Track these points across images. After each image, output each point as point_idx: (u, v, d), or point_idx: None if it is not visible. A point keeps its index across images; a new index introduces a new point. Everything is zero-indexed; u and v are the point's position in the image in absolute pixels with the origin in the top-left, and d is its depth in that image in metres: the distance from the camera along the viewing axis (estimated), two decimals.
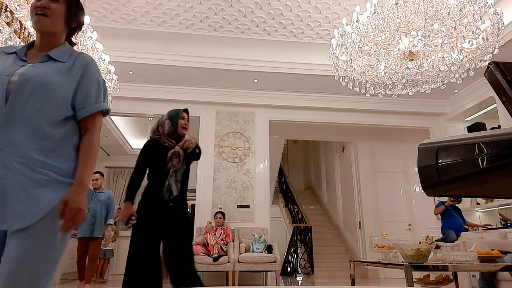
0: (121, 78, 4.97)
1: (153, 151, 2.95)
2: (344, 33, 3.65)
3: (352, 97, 6.46)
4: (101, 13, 5.04)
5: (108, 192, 5.36)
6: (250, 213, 6.37)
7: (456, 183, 0.97)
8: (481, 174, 0.89)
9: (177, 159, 2.90)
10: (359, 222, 8.21)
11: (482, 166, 0.88)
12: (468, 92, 6.51)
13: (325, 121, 6.98)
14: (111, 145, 9.67)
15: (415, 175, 8.16)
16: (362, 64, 3.70)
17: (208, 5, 4.94)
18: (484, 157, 0.88)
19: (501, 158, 0.85)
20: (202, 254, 5.52)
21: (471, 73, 3.70)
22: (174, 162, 2.89)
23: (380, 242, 3.93)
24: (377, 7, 3.35)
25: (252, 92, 6.67)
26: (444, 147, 1.00)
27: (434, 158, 1.00)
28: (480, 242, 3.97)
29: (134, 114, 6.79)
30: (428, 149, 1.03)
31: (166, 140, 2.99)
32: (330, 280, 7.01)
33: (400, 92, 4.05)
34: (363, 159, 8.45)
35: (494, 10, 3.26)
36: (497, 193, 1.26)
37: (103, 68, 3.89)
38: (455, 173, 0.96)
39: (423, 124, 7.24)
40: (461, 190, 1.05)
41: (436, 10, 3.12)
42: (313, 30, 5.43)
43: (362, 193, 8.24)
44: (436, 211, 6.20)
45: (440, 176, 0.99)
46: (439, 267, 2.94)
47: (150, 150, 2.98)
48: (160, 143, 2.97)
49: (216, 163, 6.55)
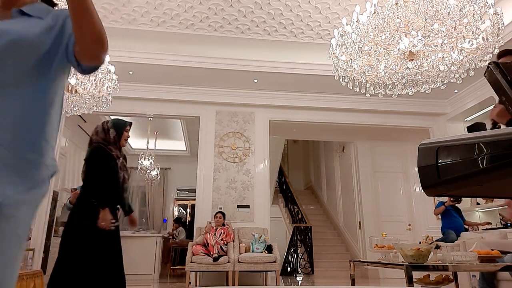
0: (121, 78, 4.97)
1: (106, 158, 2.91)
2: (344, 33, 3.65)
3: (352, 97, 6.46)
4: (101, 13, 5.04)
5: None
6: (250, 213, 6.37)
7: (456, 183, 0.97)
8: (481, 174, 0.89)
9: (126, 173, 3.01)
10: (359, 222, 8.21)
11: (482, 166, 0.88)
12: (468, 92, 6.51)
13: (325, 121, 6.97)
14: None
15: (415, 175, 8.16)
16: (362, 64, 3.70)
17: (208, 5, 4.94)
18: (484, 157, 0.88)
19: (501, 158, 0.85)
20: (202, 254, 5.52)
21: (471, 73, 3.70)
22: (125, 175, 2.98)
23: (380, 242, 3.93)
24: (377, 7, 3.35)
25: (252, 92, 6.67)
26: (444, 147, 1.00)
27: (434, 158, 1.00)
28: (480, 242, 3.97)
29: (134, 114, 6.79)
30: (428, 149, 1.03)
31: (113, 149, 2.97)
32: (330, 280, 7.01)
33: (400, 92, 4.05)
34: (363, 159, 8.45)
35: (494, 10, 3.26)
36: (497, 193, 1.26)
37: (103, 68, 3.89)
38: (455, 173, 0.96)
39: (423, 124, 7.24)
40: (461, 190, 1.05)
41: (436, 10, 3.11)
42: (313, 30, 5.43)
43: (362, 193, 8.24)
44: (436, 212, 6.20)
45: (440, 176, 0.98)
46: (439, 267, 2.94)
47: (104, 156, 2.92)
48: (107, 150, 2.94)
49: (216, 163, 6.55)
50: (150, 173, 8.13)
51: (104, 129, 3.01)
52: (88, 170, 2.88)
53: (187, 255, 5.60)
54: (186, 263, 5.53)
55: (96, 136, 2.99)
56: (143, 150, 8.49)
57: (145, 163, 7.96)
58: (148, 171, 8.08)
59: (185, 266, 5.58)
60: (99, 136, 2.99)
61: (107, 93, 4.12)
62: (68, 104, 4.19)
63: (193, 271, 5.76)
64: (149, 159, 8.01)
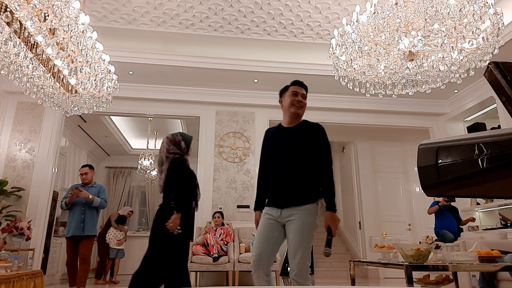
0: (121, 78, 4.97)
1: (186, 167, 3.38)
2: (344, 33, 3.65)
3: (352, 97, 6.46)
4: (101, 13, 5.04)
5: (99, 186, 5.04)
6: (250, 213, 6.37)
7: (456, 184, 0.97)
8: (481, 174, 0.89)
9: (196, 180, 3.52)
10: (359, 222, 8.20)
11: (482, 167, 0.88)
12: (468, 92, 6.51)
13: (325, 121, 6.94)
14: (111, 145, 9.68)
15: (415, 175, 8.16)
16: (362, 64, 3.70)
17: (208, 5, 4.94)
18: (484, 157, 0.88)
19: (501, 158, 0.85)
20: (202, 254, 5.52)
21: (471, 73, 3.70)
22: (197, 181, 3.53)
23: (380, 242, 3.93)
24: (377, 7, 3.35)
25: (252, 92, 6.67)
26: (444, 147, 1.00)
27: (434, 158, 1.00)
28: (480, 242, 3.97)
29: (134, 114, 6.79)
30: (428, 149, 1.03)
31: (187, 159, 3.45)
32: (330, 280, 7.01)
33: (400, 92, 4.05)
34: (363, 159, 8.45)
35: (494, 10, 3.26)
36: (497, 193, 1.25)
37: (103, 68, 3.89)
38: (455, 173, 0.95)
39: (423, 124, 7.24)
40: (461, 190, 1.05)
41: (436, 10, 3.11)
42: (313, 30, 5.43)
43: (362, 193, 8.23)
44: (430, 211, 6.21)
45: (440, 176, 0.98)
46: (439, 267, 2.94)
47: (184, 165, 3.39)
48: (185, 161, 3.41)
49: (216, 163, 6.55)
50: (150, 173, 8.13)
51: (176, 141, 3.42)
52: (172, 178, 3.27)
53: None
54: None
55: (173, 148, 3.38)
56: (143, 150, 8.50)
57: (145, 163, 7.96)
58: (148, 171, 8.09)
59: None
60: (176, 148, 3.40)
61: (107, 93, 4.12)
62: (68, 104, 4.19)
63: (193, 271, 5.76)
64: (149, 159, 8.01)
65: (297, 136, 2.61)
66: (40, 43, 3.16)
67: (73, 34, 3.20)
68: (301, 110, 2.72)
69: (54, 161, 6.13)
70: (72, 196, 4.79)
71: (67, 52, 3.35)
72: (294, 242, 2.43)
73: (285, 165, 2.53)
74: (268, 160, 2.66)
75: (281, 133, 2.69)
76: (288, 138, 2.61)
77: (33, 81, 3.71)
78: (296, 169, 2.52)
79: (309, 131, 2.66)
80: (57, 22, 3.00)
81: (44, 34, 3.02)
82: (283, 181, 2.52)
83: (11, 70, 3.49)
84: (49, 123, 6.17)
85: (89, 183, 5.02)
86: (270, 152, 2.65)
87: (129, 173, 10.45)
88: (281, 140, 2.63)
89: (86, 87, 3.84)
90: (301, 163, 2.52)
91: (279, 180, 2.53)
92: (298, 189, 2.50)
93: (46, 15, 2.94)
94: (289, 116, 2.71)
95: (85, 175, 5.00)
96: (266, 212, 2.56)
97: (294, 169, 2.52)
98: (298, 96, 2.73)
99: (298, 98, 2.72)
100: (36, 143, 6.07)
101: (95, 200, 4.82)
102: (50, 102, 4.06)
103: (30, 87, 3.76)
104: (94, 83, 3.82)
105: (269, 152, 2.66)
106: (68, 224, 4.85)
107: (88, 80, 3.76)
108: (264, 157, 2.71)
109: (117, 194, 10.27)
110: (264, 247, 2.49)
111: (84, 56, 3.47)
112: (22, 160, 5.99)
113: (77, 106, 4.22)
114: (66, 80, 3.77)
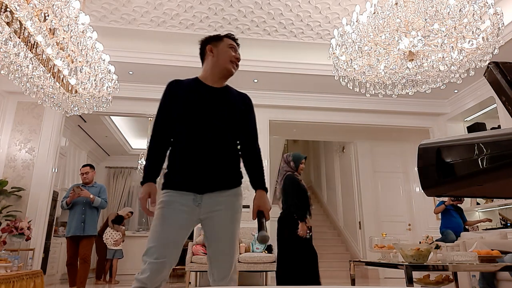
0: (121, 78, 4.97)
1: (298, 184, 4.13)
2: (344, 33, 3.65)
3: (352, 97, 6.45)
4: (101, 13, 5.04)
5: (99, 186, 5.04)
6: (250, 213, 6.36)
7: (456, 183, 0.97)
8: (481, 174, 0.89)
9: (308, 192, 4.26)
10: (359, 222, 8.20)
11: (482, 167, 0.88)
12: (468, 92, 6.51)
13: (325, 121, 6.97)
14: (111, 145, 9.68)
15: (415, 175, 8.16)
16: (362, 64, 3.70)
17: (208, 5, 4.94)
18: (484, 157, 0.88)
19: (501, 158, 0.85)
20: (202, 254, 5.52)
21: (471, 73, 3.70)
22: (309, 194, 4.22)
23: (380, 242, 3.93)
24: (377, 7, 3.35)
25: (252, 92, 6.61)
26: (444, 147, 1.00)
27: (434, 158, 1.00)
28: (480, 242, 3.97)
29: (134, 114, 6.79)
30: (428, 149, 1.03)
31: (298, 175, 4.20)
32: (330, 280, 7.00)
33: (400, 92, 4.05)
34: (363, 159, 8.45)
35: (494, 10, 3.26)
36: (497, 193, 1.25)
37: (103, 68, 3.89)
38: (455, 173, 0.96)
39: (423, 124, 7.24)
40: (461, 190, 1.05)
41: (436, 10, 3.11)
42: (313, 30, 5.43)
43: (362, 193, 8.23)
44: (436, 210, 6.20)
45: (440, 176, 0.98)
46: (439, 267, 2.94)
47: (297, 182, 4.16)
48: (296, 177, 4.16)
49: None
50: None
51: (287, 161, 4.23)
52: (289, 194, 4.06)
53: (187, 255, 5.59)
54: (186, 263, 5.52)
55: (286, 166, 4.20)
56: (143, 150, 8.50)
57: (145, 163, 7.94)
58: None
59: (185, 266, 5.57)
60: (287, 166, 4.20)
61: (107, 93, 4.12)
62: (68, 104, 4.19)
63: (193, 271, 5.76)
64: None
65: (228, 102, 2.05)
66: (40, 43, 3.17)
67: (73, 34, 3.20)
68: (235, 71, 2.13)
69: (54, 161, 6.13)
70: (73, 196, 4.79)
71: (67, 52, 3.35)
72: (229, 235, 1.97)
73: (214, 135, 1.90)
74: (181, 120, 1.92)
75: (203, 91, 2.01)
76: (216, 101, 2.00)
77: (33, 81, 3.72)
78: (226, 143, 1.95)
79: (240, 100, 2.14)
80: (57, 22, 3.01)
81: (44, 34, 3.03)
82: (208, 156, 1.87)
83: (11, 70, 3.50)
84: (49, 123, 6.17)
85: (90, 183, 5.02)
86: (186, 111, 1.92)
87: (129, 173, 10.45)
88: (206, 100, 1.97)
89: (86, 87, 3.84)
90: (232, 135, 1.99)
91: (200, 153, 1.87)
92: (226, 168, 1.93)
93: (46, 15, 2.94)
94: (220, 73, 2.06)
95: (86, 174, 5.01)
96: (172, 198, 1.87)
97: (224, 142, 1.94)
98: (237, 53, 2.11)
99: (237, 55, 2.11)
100: (36, 143, 6.07)
101: (95, 200, 4.82)
102: (50, 102, 4.06)
103: (30, 87, 3.77)
104: (94, 83, 3.83)
105: (185, 110, 1.92)
106: (68, 224, 4.85)
107: (88, 80, 3.76)
108: (170, 113, 1.95)
109: (117, 194, 10.27)
110: (169, 251, 1.80)
111: (84, 56, 3.48)
112: (22, 160, 5.99)
113: (77, 106, 4.22)
114: (66, 80, 3.77)
